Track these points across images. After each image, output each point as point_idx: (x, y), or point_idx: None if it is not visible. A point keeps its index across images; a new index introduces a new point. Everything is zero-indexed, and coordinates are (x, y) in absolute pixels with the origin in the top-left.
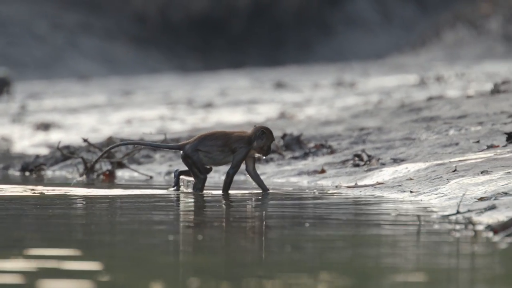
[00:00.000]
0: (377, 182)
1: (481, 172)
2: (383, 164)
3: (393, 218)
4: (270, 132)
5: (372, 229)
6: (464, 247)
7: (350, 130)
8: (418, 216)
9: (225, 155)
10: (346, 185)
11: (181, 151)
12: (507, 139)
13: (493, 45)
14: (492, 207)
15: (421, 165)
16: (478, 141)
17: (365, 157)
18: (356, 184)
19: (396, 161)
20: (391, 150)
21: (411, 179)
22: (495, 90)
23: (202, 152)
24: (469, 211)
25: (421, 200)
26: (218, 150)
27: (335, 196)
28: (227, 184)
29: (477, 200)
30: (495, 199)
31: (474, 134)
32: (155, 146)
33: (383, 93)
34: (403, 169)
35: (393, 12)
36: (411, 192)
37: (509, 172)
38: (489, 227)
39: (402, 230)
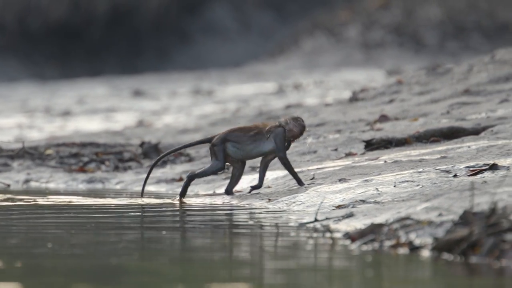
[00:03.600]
0: (235, 190)
1: (339, 180)
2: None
3: (251, 226)
4: (295, 119)
5: (228, 237)
6: (322, 255)
7: None
8: (276, 224)
9: (256, 145)
10: (204, 193)
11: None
12: (365, 147)
13: (352, 52)
14: (350, 215)
15: (279, 173)
16: (336, 149)
17: None
18: (214, 192)
19: (254, 169)
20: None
21: (269, 186)
22: (354, 98)
23: (231, 143)
24: (327, 219)
25: (279, 208)
26: (248, 140)
27: (192, 204)
28: (288, 165)
29: (335, 208)
30: (353, 207)
31: (332, 142)
32: (188, 146)
33: (241, 101)
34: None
35: (251, 20)
36: (269, 200)
37: (367, 180)
38: (347, 235)
39: (260, 238)
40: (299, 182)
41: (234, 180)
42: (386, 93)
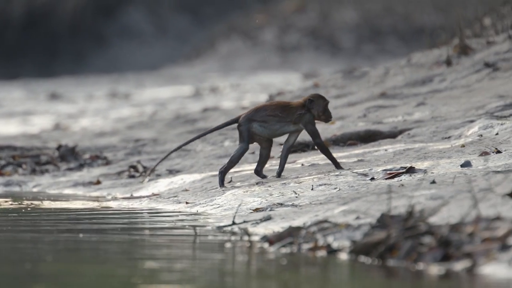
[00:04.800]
0: (152, 193)
1: (257, 183)
2: (159, 175)
3: (168, 229)
4: (318, 97)
5: (146, 241)
6: (240, 258)
7: (126, 141)
8: (194, 227)
9: (282, 125)
10: (122, 196)
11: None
12: None
13: (268, 56)
14: (268, 218)
15: (197, 176)
16: (253, 152)
17: (140, 168)
18: (131, 195)
19: (172, 172)
20: (166, 161)
21: (187, 190)
22: (270, 101)
23: (257, 122)
24: (244, 222)
25: (197, 211)
26: (275, 119)
27: (110, 208)
28: (326, 150)
29: (252, 211)
30: (270, 210)
31: (250, 145)
32: (216, 129)
33: (158, 104)
34: (178, 180)
35: (167, 24)
36: (187, 203)
37: (285, 183)
38: (265, 238)
39: (178, 241)
40: (337, 166)
41: (262, 160)
42: (303, 96)
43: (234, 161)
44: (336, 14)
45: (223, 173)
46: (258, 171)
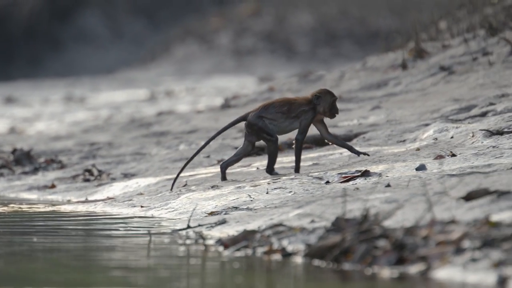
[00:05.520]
0: (107, 197)
1: (212, 187)
2: (114, 179)
3: (123, 233)
4: (326, 93)
5: (100, 244)
6: (195, 261)
7: (81, 145)
8: (149, 231)
9: (290, 122)
10: (77, 200)
11: (245, 121)
12: None
13: (223, 59)
14: (223, 222)
15: (152, 180)
16: (208, 156)
17: (95, 172)
18: (86, 199)
19: (127, 176)
20: (121, 165)
21: (141, 194)
22: (226, 105)
23: (266, 120)
24: (199, 225)
25: (152, 215)
26: (283, 117)
27: (64, 212)
28: (298, 149)
29: (207, 214)
30: (225, 214)
31: (205, 149)
32: (226, 129)
33: (113, 108)
34: (133, 184)
35: (123, 27)
36: (141, 206)
37: (239, 186)
38: (220, 242)
39: (133, 245)
40: (297, 170)
41: (237, 158)
42: (258, 100)
43: (275, 156)
44: (291, 18)
45: (270, 171)
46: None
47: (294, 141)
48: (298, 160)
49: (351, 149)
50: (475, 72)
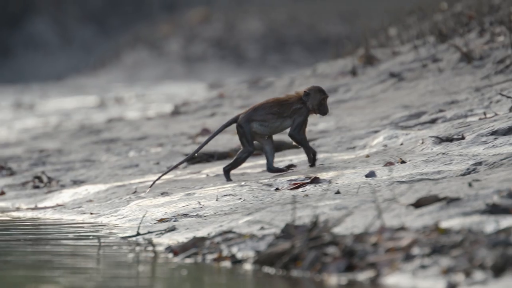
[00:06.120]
0: (57, 204)
1: (162, 194)
2: (63, 186)
3: (73, 240)
4: (316, 90)
5: (50, 251)
6: (144, 268)
7: (30, 152)
8: (98, 237)
9: (282, 121)
10: (26, 207)
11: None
12: (187, 160)
13: (173, 66)
14: (172, 229)
15: (102, 187)
16: (158, 163)
17: (45, 179)
18: (36, 206)
19: (76, 182)
20: (71, 171)
21: (91, 200)
22: (175, 112)
23: (257, 122)
24: (149, 232)
25: (101, 222)
26: (274, 117)
27: (13, 218)
28: (301, 140)
29: (157, 221)
30: (175, 221)
31: (154, 156)
32: (219, 132)
33: (63, 115)
34: (83, 191)
35: (72, 34)
36: (91, 213)
37: (189, 193)
38: (169, 249)
39: (82, 252)
40: (310, 160)
41: (269, 154)
42: (208, 107)
43: (239, 162)
44: (241, 24)
45: (227, 171)
46: (271, 168)
47: (290, 138)
48: (308, 151)
49: (308, 155)
50: (425, 79)
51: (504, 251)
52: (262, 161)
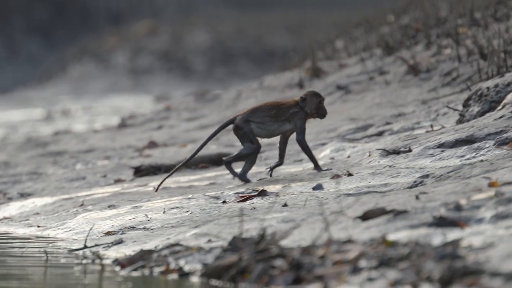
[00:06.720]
0: (4, 216)
1: (109, 207)
2: (10, 199)
3: (20, 253)
4: (312, 95)
5: None
6: (91, 281)
7: None
8: (45, 251)
9: (279, 125)
10: None
11: (233, 124)
12: (134, 173)
13: (120, 78)
14: (119, 242)
15: (49, 200)
16: (105, 175)
17: None
18: None
19: (23, 195)
20: (18, 184)
21: (38, 213)
22: (122, 124)
23: (254, 123)
24: (96, 245)
25: (49, 235)
26: (271, 120)
27: None
28: (306, 148)
29: (104, 234)
30: (122, 234)
31: (101, 168)
32: (215, 134)
33: (9, 127)
34: (30, 204)
35: (19, 47)
36: (38, 226)
37: (136, 206)
38: (116, 261)
39: (29, 265)
40: (316, 167)
41: (250, 162)
42: (155, 119)
43: (241, 157)
44: (188, 36)
45: (228, 164)
46: (243, 175)
47: (298, 144)
48: (312, 158)
49: (281, 162)
50: (371, 92)
51: (451, 264)
52: (209, 173)
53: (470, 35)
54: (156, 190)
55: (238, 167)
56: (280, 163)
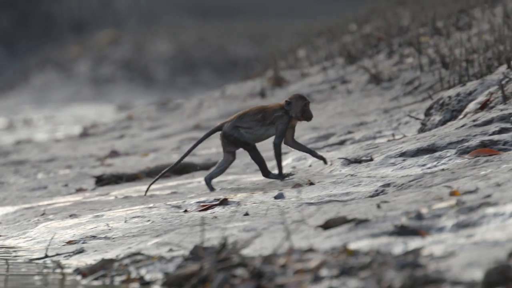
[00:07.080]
0: None
1: (70, 216)
2: None
3: None
4: (297, 98)
5: None
6: None
7: None
8: (6, 260)
9: (266, 129)
10: None
11: (220, 131)
12: (96, 183)
13: (82, 88)
14: (81, 251)
15: (10, 209)
16: (66, 185)
17: None
18: None
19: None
20: None
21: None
22: (84, 134)
23: (243, 129)
24: (57, 254)
25: (10, 244)
26: (258, 124)
27: None
28: (278, 154)
29: (65, 243)
30: (83, 243)
31: (63, 178)
32: (201, 141)
33: None
34: None
35: None
36: None
37: (98, 215)
38: (78, 271)
39: None
40: (279, 175)
41: (220, 170)
42: (117, 129)
43: (262, 162)
44: (150, 46)
45: (265, 170)
46: (208, 180)
47: (273, 147)
48: (279, 165)
49: (313, 154)
50: (333, 100)
51: (412, 273)
52: (171, 183)
53: (432, 44)
54: (145, 194)
55: (269, 167)
56: (319, 158)
